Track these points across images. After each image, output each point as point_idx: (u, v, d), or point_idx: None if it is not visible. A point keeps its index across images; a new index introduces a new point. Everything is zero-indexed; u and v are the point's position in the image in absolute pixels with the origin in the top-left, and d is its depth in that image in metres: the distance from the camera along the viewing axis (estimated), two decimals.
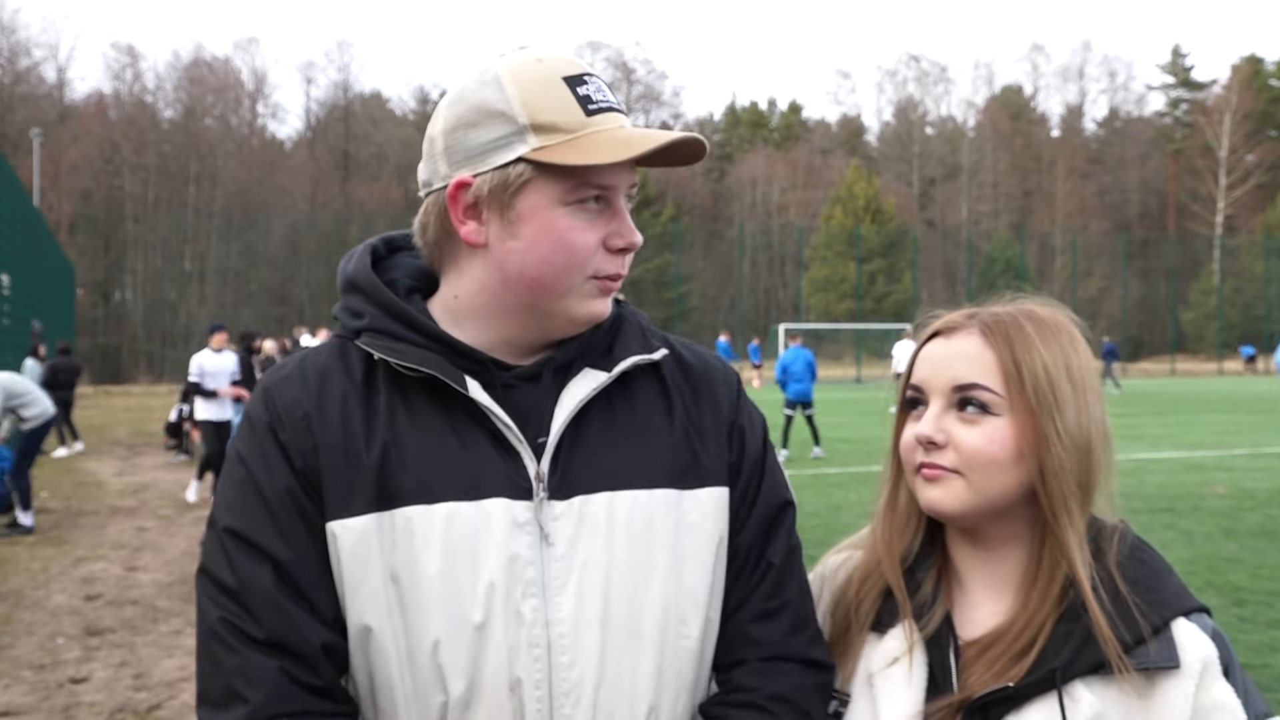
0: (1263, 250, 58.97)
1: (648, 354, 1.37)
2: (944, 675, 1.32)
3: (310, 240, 53.81)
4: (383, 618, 1.25)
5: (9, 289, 17.33)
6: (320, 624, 1.25)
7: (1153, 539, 1.39)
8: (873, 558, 1.44)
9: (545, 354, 1.35)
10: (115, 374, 46.99)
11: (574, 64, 1.31)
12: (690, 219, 64.21)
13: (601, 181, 1.27)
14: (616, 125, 1.28)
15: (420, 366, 1.28)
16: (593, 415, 1.33)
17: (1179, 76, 79.06)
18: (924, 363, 1.39)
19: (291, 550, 1.25)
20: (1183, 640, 1.25)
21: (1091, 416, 1.33)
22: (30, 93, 60.44)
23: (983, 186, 72.17)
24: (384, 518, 1.25)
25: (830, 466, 14.95)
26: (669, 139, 1.26)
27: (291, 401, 1.29)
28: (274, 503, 1.26)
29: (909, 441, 1.37)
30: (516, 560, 1.25)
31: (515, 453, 1.28)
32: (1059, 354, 1.33)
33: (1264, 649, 6.16)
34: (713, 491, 1.36)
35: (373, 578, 1.25)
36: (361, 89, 73.04)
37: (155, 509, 12.31)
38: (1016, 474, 1.31)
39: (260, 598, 1.23)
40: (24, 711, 5.58)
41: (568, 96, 1.27)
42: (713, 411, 1.40)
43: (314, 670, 1.24)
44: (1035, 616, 1.30)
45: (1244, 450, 15.72)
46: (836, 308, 55.72)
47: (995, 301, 1.42)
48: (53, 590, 8.30)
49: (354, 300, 1.35)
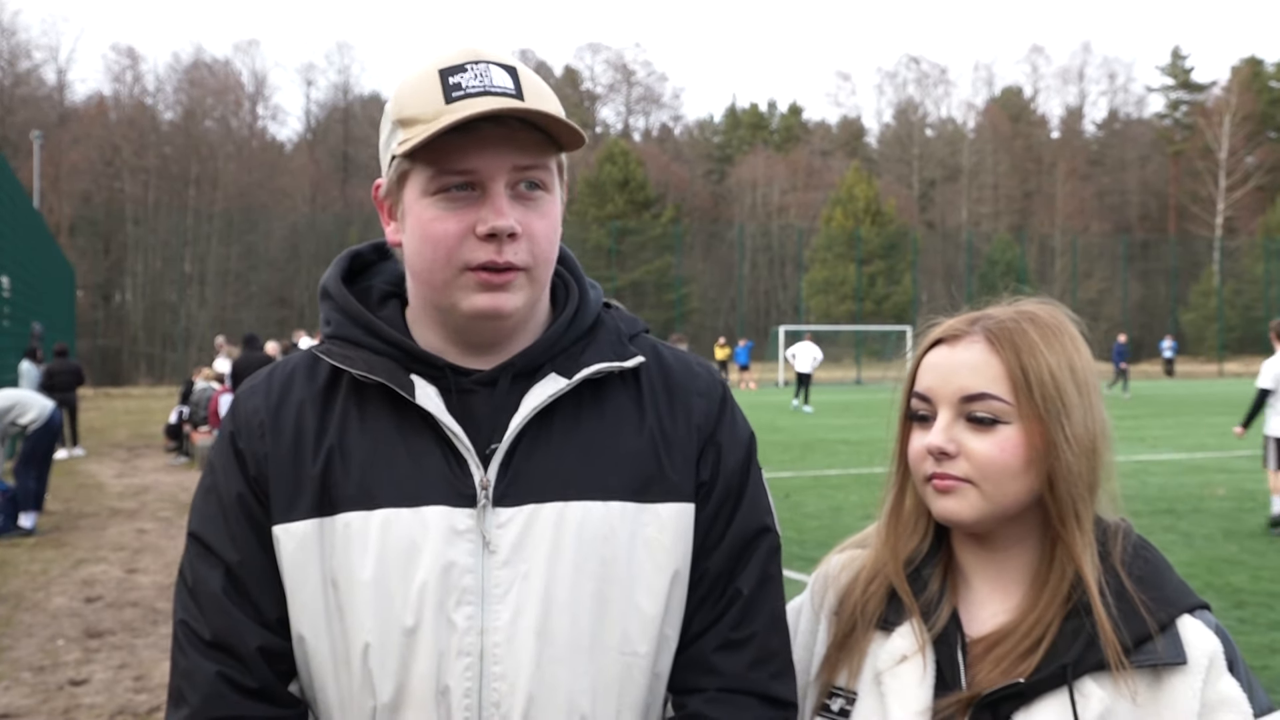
0: (1263, 252, 58.93)
1: (618, 362, 1.34)
2: (952, 672, 1.32)
3: (310, 242, 53.78)
4: (319, 621, 1.26)
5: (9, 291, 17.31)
6: (261, 627, 1.27)
7: (1153, 541, 1.40)
8: (878, 559, 1.43)
9: (509, 357, 1.33)
10: (115, 376, 46.96)
11: (471, 53, 1.27)
12: (690, 221, 64.17)
13: (459, 167, 1.23)
14: (482, 108, 1.20)
15: (369, 374, 1.28)
16: (555, 422, 1.31)
17: (1179, 78, 79.05)
18: (929, 371, 1.38)
19: (239, 554, 1.28)
20: (1189, 636, 1.27)
21: (1096, 418, 1.34)
22: (30, 95, 60.47)
23: (983, 188, 72.15)
24: (325, 523, 1.27)
25: (832, 468, 14.94)
26: (473, 113, 1.20)
27: (251, 410, 1.33)
28: (228, 508, 1.29)
29: (919, 451, 1.36)
30: (453, 568, 1.24)
31: (463, 460, 1.27)
32: (1063, 357, 1.34)
33: (1264, 650, 6.17)
34: (675, 507, 1.32)
35: (311, 581, 1.26)
36: (361, 91, 73.15)
37: (155, 511, 12.31)
38: (1028, 480, 1.32)
39: (209, 599, 1.27)
40: (24, 713, 5.58)
41: (434, 88, 1.24)
42: (685, 423, 1.36)
43: (251, 673, 1.26)
44: (1044, 614, 1.30)
45: (1244, 452, 15.69)
46: (837, 309, 55.67)
47: (994, 304, 1.42)
48: (53, 592, 8.30)
49: (324, 308, 1.37)
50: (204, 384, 17.32)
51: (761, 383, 40.49)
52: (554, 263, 1.33)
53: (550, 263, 1.31)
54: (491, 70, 1.25)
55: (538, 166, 1.26)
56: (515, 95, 1.24)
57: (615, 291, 48.06)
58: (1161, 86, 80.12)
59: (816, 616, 1.48)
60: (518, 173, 1.25)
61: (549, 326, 1.37)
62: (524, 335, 1.34)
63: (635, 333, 1.42)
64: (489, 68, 1.25)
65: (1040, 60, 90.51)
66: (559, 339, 1.34)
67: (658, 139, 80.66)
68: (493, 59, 1.27)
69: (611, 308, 1.44)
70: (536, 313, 1.36)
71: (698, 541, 1.34)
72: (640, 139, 78.88)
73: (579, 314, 1.38)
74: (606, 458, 1.31)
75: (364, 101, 71.50)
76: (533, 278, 1.28)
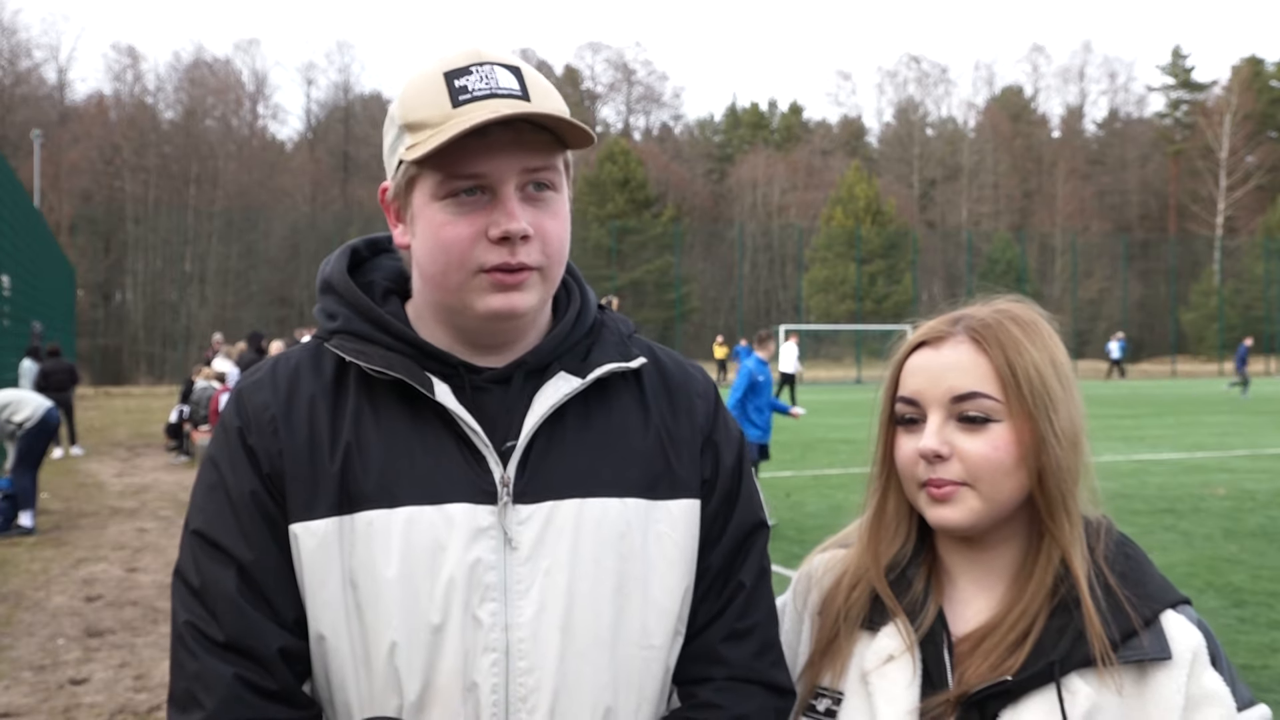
0: (1263, 251, 58.92)
1: (625, 362, 1.36)
2: (939, 671, 1.32)
3: (311, 241, 53.73)
4: (339, 621, 1.25)
5: (9, 290, 17.31)
6: (280, 628, 1.25)
7: (1153, 540, 1.40)
8: (860, 565, 1.43)
9: (517, 356, 1.33)
10: (115, 375, 46.93)
11: (474, 55, 1.27)
12: (690, 220, 64.18)
13: (469, 170, 1.23)
14: (490, 112, 1.20)
15: (387, 370, 1.28)
16: (567, 420, 1.32)
17: (1179, 78, 79.01)
18: (915, 374, 1.38)
19: (254, 553, 1.25)
20: (1173, 632, 1.27)
21: (1078, 412, 1.36)
22: (31, 94, 60.47)
23: (983, 188, 72.14)
24: (345, 521, 1.25)
25: (832, 468, 14.95)
26: (484, 119, 1.19)
27: (260, 405, 1.30)
28: (239, 506, 1.27)
29: (910, 455, 1.36)
30: (478, 565, 1.24)
31: (481, 457, 1.27)
32: (1045, 353, 1.35)
33: (1264, 650, 6.16)
34: (684, 503, 1.34)
35: (332, 581, 1.25)
36: (362, 90, 73.10)
37: (155, 510, 12.31)
38: (1020, 477, 1.32)
39: (222, 600, 1.24)
40: (24, 712, 5.58)
41: (440, 91, 1.24)
42: (689, 423, 1.38)
43: (270, 675, 1.24)
44: (1029, 609, 1.31)
45: (1244, 451, 15.70)
46: (837, 309, 55.68)
47: (971, 304, 1.42)
48: (53, 591, 8.30)
49: (329, 302, 1.36)
50: (204, 383, 17.31)
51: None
52: (565, 261, 1.34)
53: (562, 261, 1.32)
54: (496, 72, 1.25)
55: (546, 167, 1.27)
56: (521, 96, 1.23)
57: (615, 291, 48.00)
58: (1162, 86, 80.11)
59: (800, 616, 1.48)
60: (527, 174, 1.25)
61: (554, 326, 1.37)
62: (530, 334, 1.35)
63: (629, 333, 1.43)
64: (494, 69, 1.25)
65: (1041, 60, 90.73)
66: (566, 338, 1.35)
67: (658, 138, 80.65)
68: (497, 60, 1.26)
69: (604, 309, 1.44)
70: (544, 313, 1.37)
71: (701, 537, 1.36)
72: (640, 138, 78.84)
73: (583, 314, 1.39)
74: (618, 455, 1.32)
75: (364, 101, 71.45)
76: (545, 276, 1.29)
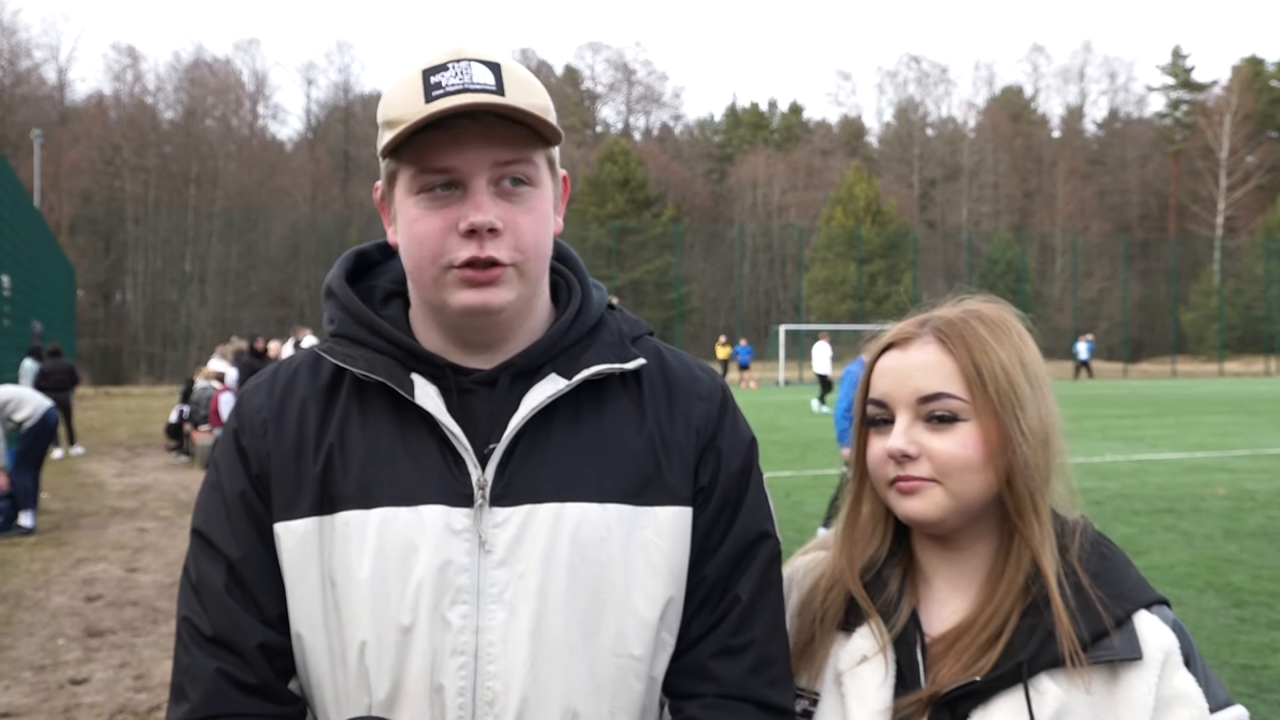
0: (1263, 251, 58.90)
1: (618, 363, 1.34)
2: (912, 671, 1.33)
3: (311, 242, 53.78)
4: (317, 619, 1.27)
5: (9, 290, 17.33)
6: (263, 624, 1.27)
7: (1153, 540, 1.40)
8: (835, 568, 1.44)
9: (508, 357, 1.33)
10: (116, 375, 46.96)
11: (455, 53, 1.27)
12: (690, 220, 64.17)
13: (439, 164, 1.24)
14: (454, 104, 1.20)
15: (369, 372, 1.29)
16: (555, 423, 1.31)
17: (1179, 78, 79.00)
18: (883, 376, 1.39)
19: (241, 550, 1.28)
20: (1144, 632, 1.28)
21: (1048, 410, 1.36)
22: (31, 94, 60.48)
23: (983, 188, 72.13)
24: (324, 521, 1.28)
25: (832, 467, 14.93)
26: (441, 109, 1.20)
27: (255, 409, 1.34)
28: (231, 505, 1.30)
29: (879, 456, 1.37)
30: (449, 567, 1.24)
31: (462, 460, 1.27)
32: (1013, 352, 1.35)
33: (1264, 650, 6.16)
34: (672, 511, 1.32)
35: (310, 580, 1.27)
36: (362, 90, 73.10)
37: (156, 510, 12.30)
38: (988, 475, 1.33)
39: (212, 596, 1.28)
40: (24, 712, 5.58)
41: (416, 88, 1.24)
42: (685, 427, 1.35)
43: (251, 670, 1.26)
44: (1000, 608, 1.32)
45: (1244, 451, 15.70)
46: (837, 309, 55.65)
47: (940, 304, 1.43)
48: (53, 591, 8.30)
49: (329, 307, 1.38)
50: (204, 383, 17.31)
51: (762, 382, 40.48)
52: (547, 257, 1.32)
53: (542, 257, 1.30)
54: (473, 68, 1.24)
55: (520, 161, 1.26)
56: (495, 91, 1.23)
57: (615, 291, 48.02)
58: (1162, 86, 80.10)
59: None
60: (500, 168, 1.25)
61: (550, 326, 1.37)
62: (525, 335, 1.34)
63: (638, 335, 1.42)
64: (470, 65, 1.25)
65: (1041, 59, 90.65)
66: (559, 339, 1.34)
67: (658, 138, 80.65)
68: (476, 56, 1.26)
69: (615, 309, 1.43)
70: (537, 312, 1.36)
71: (696, 546, 1.33)
72: (640, 138, 78.85)
73: (580, 314, 1.37)
74: (605, 460, 1.31)
75: (364, 100, 71.45)
76: (522, 272, 1.27)
